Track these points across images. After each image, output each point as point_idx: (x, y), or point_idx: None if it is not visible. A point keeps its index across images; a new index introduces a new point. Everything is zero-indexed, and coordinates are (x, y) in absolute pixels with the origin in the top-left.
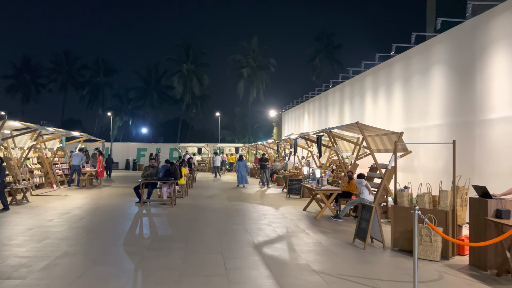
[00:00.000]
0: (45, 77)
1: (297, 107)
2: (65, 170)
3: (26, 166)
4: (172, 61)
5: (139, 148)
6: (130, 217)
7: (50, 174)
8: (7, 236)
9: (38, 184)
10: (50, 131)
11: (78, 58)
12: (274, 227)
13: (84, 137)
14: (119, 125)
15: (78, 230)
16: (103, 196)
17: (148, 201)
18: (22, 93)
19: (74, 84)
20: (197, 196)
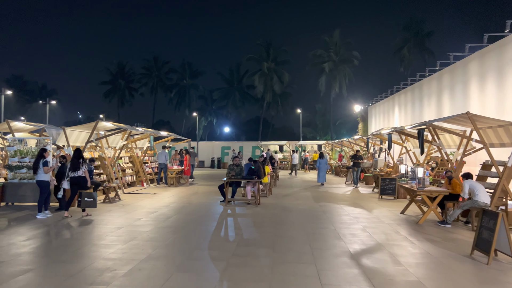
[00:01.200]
0: (137, 82)
1: (385, 100)
2: (154, 169)
3: (118, 165)
4: (253, 61)
5: (223, 146)
6: (215, 217)
7: (141, 173)
8: (98, 236)
9: (130, 182)
10: (140, 131)
11: (166, 62)
12: (370, 233)
13: (171, 136)
14: (204, 125)
15: (164, 230)
16: (189, 194)
17: (232, 200)
18: (117, 98)
19: (163, 87)
20: (281, 195)
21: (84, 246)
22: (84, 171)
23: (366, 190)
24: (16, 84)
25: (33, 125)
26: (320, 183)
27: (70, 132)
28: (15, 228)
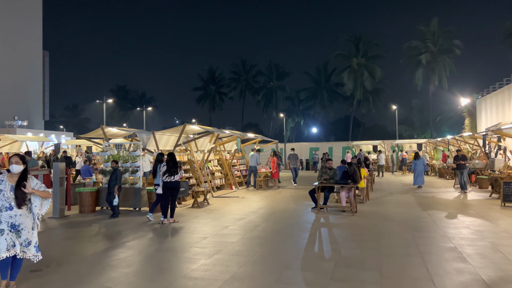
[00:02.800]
0: (226, 86)
1: (498, 92)
2: (243, 171)
3: (207, 168)
4: (341, 57)
5: (311, 147)
6: (306, 227)
7: (229, 176)
8: (182, 246)
9: (219, 186)
10: (227, 134)
11: (253, 66)
12: (504, 253)
13: (258, 138)
14: (292, 126)
15: (252, 242)
16: (278, 199)
17: (325, 207)
18: (209, 102)
19: (251, 90)
20: (379, 201)
21: (166, 259)
22: (181, 176)
23: (480, 196)
24: (120, 94)
25: (126, 130)
26: (417, 186)
27: (159, 137)
28: (102, 235)
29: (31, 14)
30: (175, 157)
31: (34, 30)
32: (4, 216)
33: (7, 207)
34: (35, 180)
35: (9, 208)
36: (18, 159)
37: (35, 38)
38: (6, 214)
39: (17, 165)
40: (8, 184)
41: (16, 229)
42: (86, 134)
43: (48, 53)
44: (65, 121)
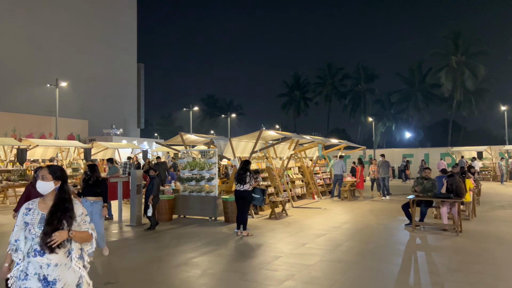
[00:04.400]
0: (311, 91)
1: None
2: (326, 180)
3: (287, 176)
4: (438, 56)
5: (404, 154)
6: (399, 250)
7: (311, 184)
8: (251, 266)
9: (300, 195)
10: (307, 140)
11: (340, 69)
12: None
13: (343, 144)
14: (382, 131)
15: (332, 266)
16: (365, 212)
17: (421, 224)
18: (293, 108)
19: (337, 94)
20: (489, 218)
21: (231, 283)
22: (251, 185)
23: None
24: (209, 102)
25: (204, 137)
26: None
27: (236, 143)
28: (171, 248)
29: (127, 30)
30: (246, 165)
31: (129, 45)
32: (32, 264)
33: (36, 251)
34: (79, 208)
35: (39, 252)
36: (46, 172)
37: (130, 52)
38: (35, 261)
39: (44, 181)
40: (38, 213)
41: (50, 286)
42: (166, 141)
43: (143, 66)
44: (161, 129)
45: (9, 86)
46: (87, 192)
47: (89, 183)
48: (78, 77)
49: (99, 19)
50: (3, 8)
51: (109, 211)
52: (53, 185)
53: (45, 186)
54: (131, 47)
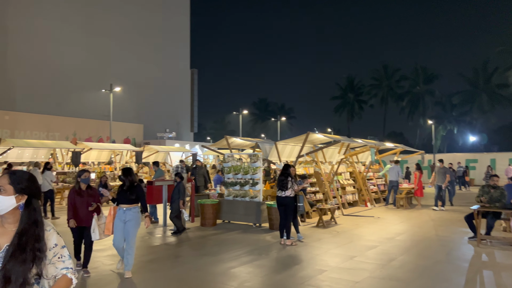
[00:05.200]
0: (366, 94)
1: None
2: (380, 186)
3: (337, 182)
4: (506, 54)
5: (467, 159)
6: (461, 267)
7: (363, 191)
8: (293, 281)
9: (351, 202)
10: (359, 143)
11: (396, 70)
12: None
13: (399, 149)
14: (443, 134)
15: (382, 284)
16: (422, 222)
17: (488, 238)
18: (347, 111)
19: (394, 96)
20: None
21: None
22: (294, 190)
23: None
24: (261, 106)
25: (250, 141)
26: None
27: (282, 147)
28: (211, 256)
29: (180, 36)
30: (286, 169)
31: (182, 51)
32: None
33: None
34: (53, 237)
35: None
36: (5, 181)
37: (183, 58)
38: None
39: (1, 195)
40: None
41: None
42: (212, 144)
43: (196, 71)
44: (214, 133)
45: (70, 92)
46: (121, 199)
47: (123, 189)
48: (134, 83)
49: (154, 26)
50: (64, 18)
51: (155, 215)
52: (14, 201)
53: (1, 203)
54: (185, 53)
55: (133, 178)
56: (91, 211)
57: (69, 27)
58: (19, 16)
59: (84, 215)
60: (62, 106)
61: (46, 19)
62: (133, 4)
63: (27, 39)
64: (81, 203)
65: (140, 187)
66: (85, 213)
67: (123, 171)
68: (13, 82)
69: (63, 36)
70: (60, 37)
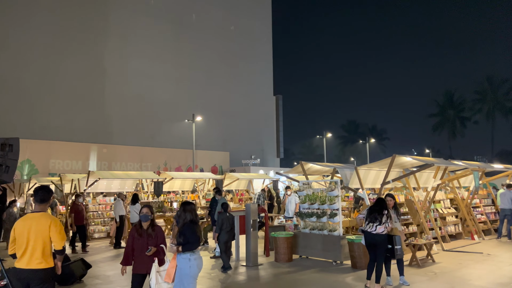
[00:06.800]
0: (469, 109)
1: None
2: (490, 215)
3: (435, 211)
4: None
5: None
6: None
7: (468, 221)
8: None
9: (454, 234)
10: (459, 165)
11: (504, 81)
12: None
13: (510, 171)
14: None
15: None
16: None
17: None
18: (447, 130)
19: (502, 110)
20: None
21: None
22: (388, 226)
23: None
24: (351, 128)
25: (328, 166)
26: None
27: (365, 172)
28: None
29: (264, 64)
30: (381, 203)
31: (266, 78)
32: None
33: None
34: None
35: None
36: None
37: (267, 85)
38: None
39: None
40: None
41: None
42: (287, 171)
43: (281, 97)
44: (302, 158)
45: (160, 124)
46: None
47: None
48: (219, 112)
49: (238, 55)
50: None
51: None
52: None
53: None
54: (268, 79)
55: (186, 216)
56: (152, 255)
57: (159, 63)
58: (114, 56)
59: (143, 260)
60: (154, 138)
61: (138, 57)
62: (217, 35)
63: (122, 77)
64: (140, 245)
65: (188, 226)
66: (145, 258)
67: (182, 206)
68: (110, 118)
69: (154, 72)
70: (150, 72)
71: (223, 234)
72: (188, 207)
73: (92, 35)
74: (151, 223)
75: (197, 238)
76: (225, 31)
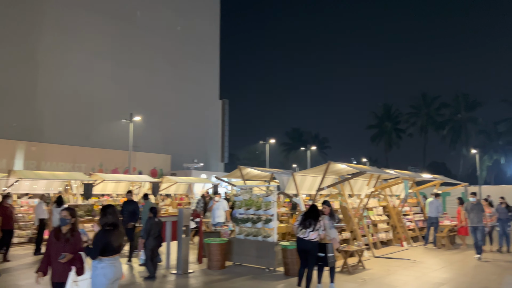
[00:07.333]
0: (404, 122)
1: None
2: (418, 223)
3: (368, 218)
4: None
5: None
6: None
7: (399, 228)
8: None
9: (385, 241)
10: (390, 174)
11: (436, 97)
12: None
13: (438, 181)
14: (489, 164)
15: None
16: (469, 268)
17: None
18: (384, 141)
19: (434, 124)
20: None
21: None
22: (321, 234)
23: None
24: (294, 136)
25: (266, 171)
26: None
27: (301, 178)
28: None
29: (210, 67)
30: (315, 209)
31: (212, 82)
32: None
33: None
34: None
35: None
36: None
37: (213, 88)
38: None
39: None
40: None
41: None
42: (226, 175)
43: (227, 101)
44: (247, 163)
45: (98, 123)
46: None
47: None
48: (162, 113)
49: (184, 56)
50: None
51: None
52: None
53: None
54: (214, 83)
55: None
56: (68, 263)
57: (99, 59)
58: (49, 49)
59: (59, 268)
60: (90, 137)
61: (77, 52)
62: (162, 34)
63: (57, 72)
64: (56, 251)
65: (98, 234)
66: (61, 265)
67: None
68: (41, 113)
69: (93, 68)
70: (89, 69)
71: (150, 240)
72: (109, 210)
73: (26, 25)
74: (71, 228)
75: (103, 244)
76: (172, 30)
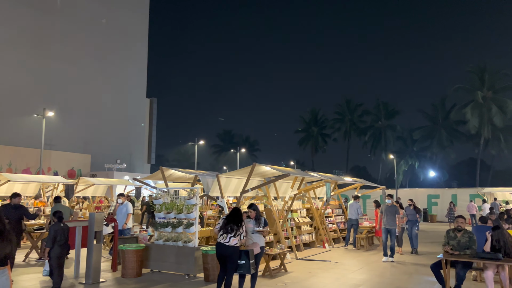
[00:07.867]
0: (330, 128)
1: None
2: (340, 225)
3: (292, 221)
4: (462, 91)
5: (429, 194)
6: None
7: (321, 230)
8: None
9: (308, 243)
10: (314, 177)
11: (359, 105)
12: None
13: (358, 184)
14: (405, 169)
15: None
16: (383, 268)
17: None
18: (311, 145)
19: (357, 130)
20: None
21: None
22: (242, 239)
23: None
24: (226, 138)
25: (190, 173)
26: None
27: (226, 180)
28: None
29: (137, 64)
30: (237, 214)
31: (139, 79)
32: None
33: None
34: None
35: None
36: None
37: (140, 86)
38: None
39: None
40: None
41: None
42: (145, 177)
43: (156, 100)
44: (177, 165)
45: (8, 118)
46: None
47: None
48: (83, 110)
49: (109, 51)
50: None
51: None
52: None
53: None
54: (141, 80)
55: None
56: None
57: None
58: None
59: None
60: None
61: None
62: (85, 26)
63: None
64: None
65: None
66: None
67: None
68: None
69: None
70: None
71: (56, 248)
72: None
73: None
74: None
75: None
76: (95, 23)
